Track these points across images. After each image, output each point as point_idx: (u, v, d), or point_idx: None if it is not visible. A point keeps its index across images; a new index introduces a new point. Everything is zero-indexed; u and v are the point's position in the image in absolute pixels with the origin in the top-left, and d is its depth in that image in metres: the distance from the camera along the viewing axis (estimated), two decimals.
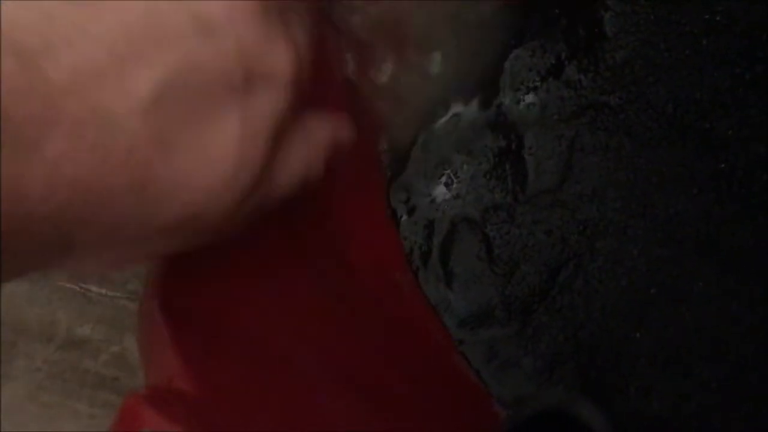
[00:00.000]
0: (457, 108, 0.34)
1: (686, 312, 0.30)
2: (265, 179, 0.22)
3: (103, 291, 0.35)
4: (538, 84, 0.33)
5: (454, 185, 0.33)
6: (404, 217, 0.33)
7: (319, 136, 0.25)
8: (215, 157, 0.21)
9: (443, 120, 0.34)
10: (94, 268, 0.21)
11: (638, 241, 0.31)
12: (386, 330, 0.32)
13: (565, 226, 0.32)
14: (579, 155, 0.32)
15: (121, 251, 0.21)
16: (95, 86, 0.19)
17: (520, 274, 0.32)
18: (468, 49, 0.34)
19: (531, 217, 0.32)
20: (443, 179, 0.33)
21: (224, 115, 0.21)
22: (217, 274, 0.27)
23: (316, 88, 0.25)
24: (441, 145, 0.33)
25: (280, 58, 0.22)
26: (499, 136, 0.33)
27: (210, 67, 0.20)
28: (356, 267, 0.32)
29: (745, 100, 0.31)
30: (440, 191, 0.33)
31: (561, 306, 0.31)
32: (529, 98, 0.33)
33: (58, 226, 0.19)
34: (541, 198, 0.32)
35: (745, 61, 0.32)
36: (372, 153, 0.33)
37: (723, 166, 0.31)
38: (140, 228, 0.20)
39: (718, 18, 0.32)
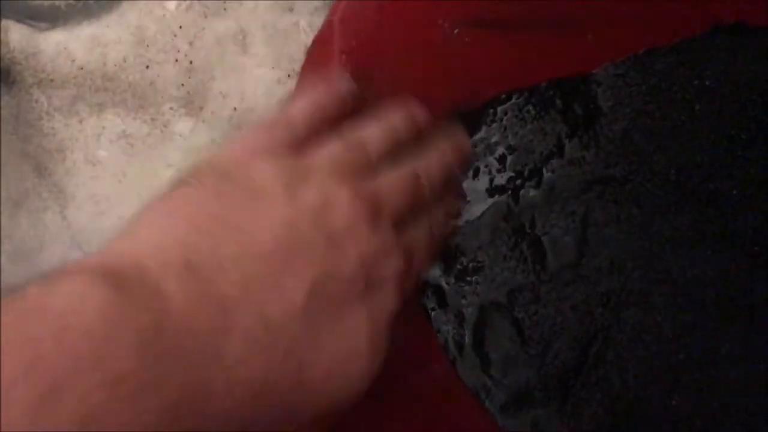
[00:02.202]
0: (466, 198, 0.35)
1: (716, 374, 0.31)
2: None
3: None
4: (542, 165, 0.34)
5: (476, 272, 0.34)
6: (435, 310, 0.35)
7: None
8: (353, 350, 0.25)
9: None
10: None
11: (661, 308, 0.33)
12: (427, 425, 0.33)
13: (589, 300, 0.33)
14: (593, 230, 0.34)
15: None
16: (260, 297, 0.22)
17: (553, 353, 0.33)
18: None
19: (556, 294, 0.34)
20: (465, 267, 0.35)
21: (353, 313, 0.25)
22: None
23: None
24: (456, 236, 0.35)
25: (391, 265, 0.26)
26: (511, 219, 0.34)
27: (340, 274, 0.24)
28: (394, 364, 0.34)
29: (744, 158, 0.33)
30: (464, 280, 0.35)
31: (596, 379, 0.33)
32: (536, 180, 0.34)
33: (236, 422, 0.21)
34: (562, 275, 0.34)
35: (739, 122, 0.33)
36: None
37: (732, 225, 0.32)
38: (296, 420, 0.24)
39: (707, 83, 0.33)
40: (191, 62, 0.37)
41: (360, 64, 0.33)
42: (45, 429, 0.17)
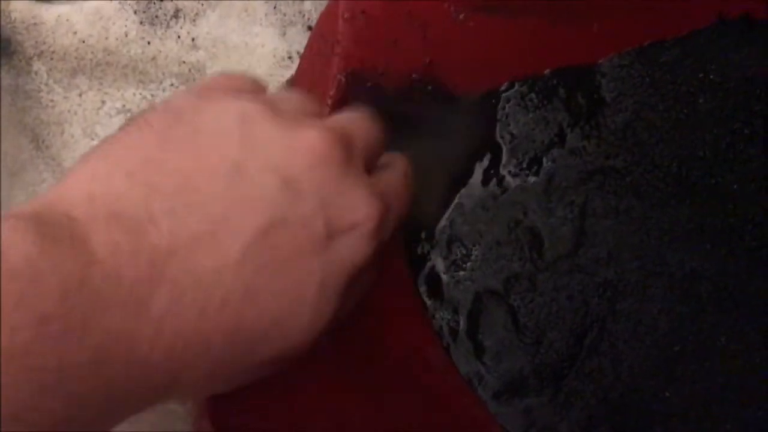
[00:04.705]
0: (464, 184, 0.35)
1: (711, 368, 0.31)
2: (338, 315, 0.25)
3: None
4: (543, 154, 0.34)
5: (473, 259, 0.34)
6: (430, 297, 0.34)
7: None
8: (297, 304, 0.23)
9: (453, 197, 0.35)
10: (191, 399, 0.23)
11: (657, 300, 0.32)
12: (423, 410, 0.33)
13: (585, 290, 0.33)
14: (591, 220, 0.34)
15: (216, 387, 0.24)
16: (192, 249, 0.21)
17: (547, 342, 0.33)
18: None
19: (552, 283, 0.33)
20: (461, 255, 0.34)
21: (305, 264, 0.23)
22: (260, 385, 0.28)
23: None
24: (453, 223, 0.35)
25: (360, 213, 0.24)
26: (509, 207, 0.34)
27: (294, 223, 0.23)
28: (390, 351, 0.34)
29: (747, 154, 0.33)
30: (460, 266, 0.34)
31: (590, 370, 0.32)
32: (536, 168, 0.34)
33: (165, 370, 0.21)
34: (559, 264, 0.34)
35: (743, 116, 0.33)
36: (396, 240, 0.34)
37: (732, 220, 0.32)
38: (233, 369, 0.23)
39: (711, 76, 0.33)
40: (193, 39, 0.37)
41: (364, 46, 0.33)
42: None
